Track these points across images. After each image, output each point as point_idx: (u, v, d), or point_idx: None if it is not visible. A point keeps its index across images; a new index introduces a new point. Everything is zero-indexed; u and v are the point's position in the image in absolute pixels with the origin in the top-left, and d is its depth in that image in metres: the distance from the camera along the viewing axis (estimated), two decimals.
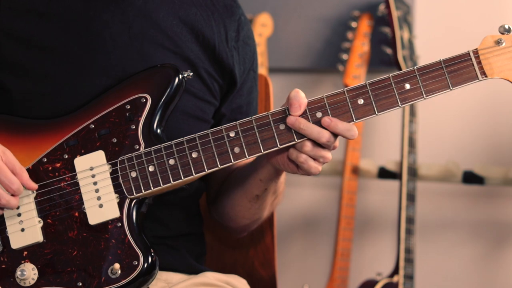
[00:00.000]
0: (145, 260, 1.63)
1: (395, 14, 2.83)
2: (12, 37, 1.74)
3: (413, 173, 2.82)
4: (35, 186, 1.66)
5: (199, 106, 1.81)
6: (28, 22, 1.74)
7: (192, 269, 1.85)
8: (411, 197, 2.80)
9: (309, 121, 1.64)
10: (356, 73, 2.96)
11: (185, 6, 1.83)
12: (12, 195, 1.63)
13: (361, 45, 2.99)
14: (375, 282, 2.76)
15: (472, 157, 2.97)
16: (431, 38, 3.03)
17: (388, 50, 2.91)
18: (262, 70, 2.99)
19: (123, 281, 1.62)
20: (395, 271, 2.77)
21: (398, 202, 2.80)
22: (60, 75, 1.74)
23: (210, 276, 1.85)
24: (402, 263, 2.76)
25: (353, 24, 3.03)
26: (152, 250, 1.63)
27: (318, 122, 1.64)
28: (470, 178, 2.89)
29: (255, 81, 1.93)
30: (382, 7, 2.96)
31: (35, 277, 1.64)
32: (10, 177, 1.62)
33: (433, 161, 2.93)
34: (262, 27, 3.08)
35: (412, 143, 2.82)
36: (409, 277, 2.77)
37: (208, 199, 1.97)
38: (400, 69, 2.82)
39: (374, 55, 3.01)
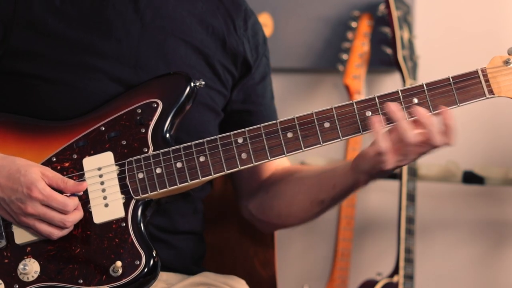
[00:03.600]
0: (147, 260, 1.63)
1: (395, 14, 2.83)
2: (28, 27, 1.75)
3: (413, 173, 2.82)
4: (83, 186, 1.65)
5: (210, 95, 1.83)
6: (44, 11, 1.76)
7: (190, 271, 1.86)
8: (411, 197, 2.80)
9: (317, 131, 1.66)
10: (356, 73, 2.96)
11: (192, 1, 1.85)
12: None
13: (361, 45, 2.99)
14: (375, 282, 2.76)
15: (472, 157, 2.97)
16: (431, 38, 3.03)
17: (388, 50, 2.91)
18: None
19: (124, 280, 1.63)
20: (395, 271, 2.77)
21: (398, 202, 2.80)
22: (74, 62, 1.75)
23: (209, 276, 1.86)
24: (402, 263, 2.76)
25: (353, 24, 3.03)
26: (154, 252, 1.64)
27: (324, 132, 1.66)
28: (470, 178, 2.89)
29: (268, 68, 1.95)
30: (382, 7, 2.96)
31: (37, 272, 1.65)
32: (62, 200, 1.61)
33: (433, 161, 2.93)
34: (262, 27, 3.08)
35: None
36: (409, 277, 2.77)
37: (241, 193, 1.98)
38: (400, 69, 2.82)
39: (374, 55, 3.01)
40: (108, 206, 1.66)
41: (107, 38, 1.76)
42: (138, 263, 1.63)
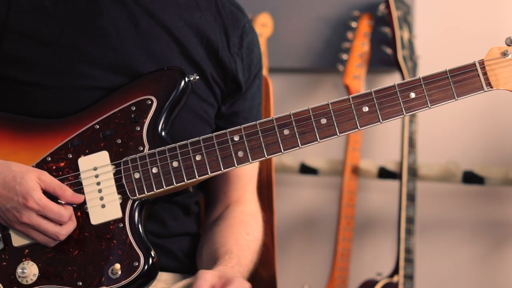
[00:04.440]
0: (146, 261, 1.63)
1: (395, 14, 2.83)
2: (21, 33, 1.74)
3: (413, 173, 2.81)
4: (81, 199, 1.65)
5: (203, 107, 1.82)
6: (36, 19, 1.75)
7: (190, 271, 1.85)
8: (411, 197, 2.80)
9: (314, 128, 1.65)
10: (356, 73, 2.96)
11: (191, 10, 1.83)
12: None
13: (361, 45, 2.98)
14: (375, 282, 2.76)
15: (472, 157, 2.97)
16: (431, 38, 3.03)
17: (388, 50, 2.91)
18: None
19: (123, 282, 1.62)
20: (395, 271, 2.77)
21: (398, 202, 2.79)
22: (67, 69, 1.74)
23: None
24: (402, 263, 2.76)
25: (353, 24, 3.03)
26: (153, 252, 1.63)
27: (321, 129, 1.65)
28: (470, 178, 2.89)
29: (258, 89, 1.93)
30: (382, 7, 2.96)
31: (36, 275, 1.65)
32: (57, 211, 1.61)
33: (433, 161, 2.93)
34: (262, 27, 3.08)
35: (412, 143, 2.82)
36: (409, 277, 2.77)
37: (207, 203, 1.98)
38: (400, 69, 2.82)
39: (374, 55, 3.01)
40: (105, 207, 1.66)
41: (100, 45, 1.74)
42: (136, 264, 1.63)
